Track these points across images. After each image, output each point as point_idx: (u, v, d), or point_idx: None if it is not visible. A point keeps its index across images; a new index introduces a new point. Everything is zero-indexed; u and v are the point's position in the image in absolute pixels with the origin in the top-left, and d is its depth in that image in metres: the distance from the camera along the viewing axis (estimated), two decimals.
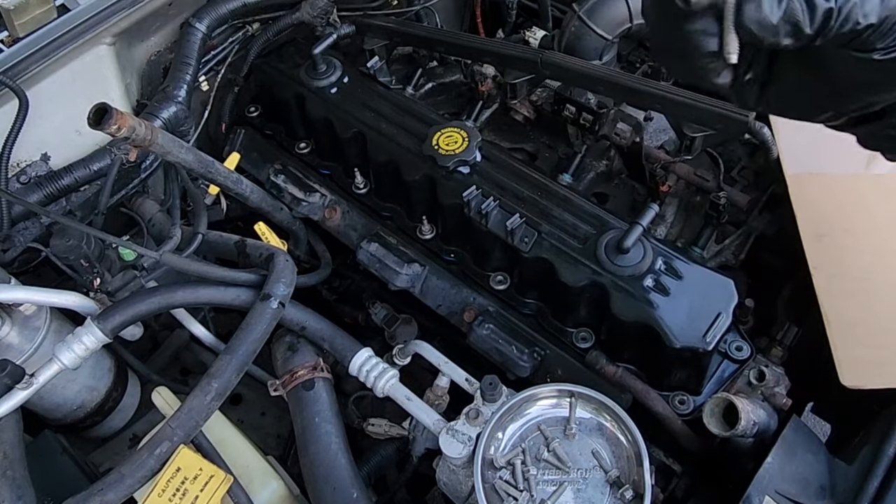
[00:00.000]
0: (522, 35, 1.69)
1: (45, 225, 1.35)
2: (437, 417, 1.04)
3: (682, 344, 1.05)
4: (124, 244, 1.07)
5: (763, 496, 0.92)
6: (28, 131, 1.24)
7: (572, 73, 1.33)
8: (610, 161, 1.49)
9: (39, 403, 1.18)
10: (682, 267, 1.11)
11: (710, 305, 1.07)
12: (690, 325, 1.06)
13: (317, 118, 1.45)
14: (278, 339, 1.21)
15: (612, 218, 1.19)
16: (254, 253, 1.19)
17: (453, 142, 1.27)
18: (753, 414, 1.00)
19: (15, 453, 0.97)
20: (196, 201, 1.29)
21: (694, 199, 1.38)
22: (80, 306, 1.08)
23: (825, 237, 1.10)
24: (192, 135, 1.50)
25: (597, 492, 0.92)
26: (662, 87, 1.27)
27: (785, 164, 1.17)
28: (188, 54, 1.46)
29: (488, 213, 1.19)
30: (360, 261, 1.34)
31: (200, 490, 0.92)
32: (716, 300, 1.08)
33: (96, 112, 0.94)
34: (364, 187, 1.42)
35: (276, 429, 1.46)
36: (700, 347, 1.04)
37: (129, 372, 1.35)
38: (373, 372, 1.11)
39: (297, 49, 1.59)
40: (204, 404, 0.96)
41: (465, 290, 1.28)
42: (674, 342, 1.05)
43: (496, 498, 0.92)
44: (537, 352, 1.17)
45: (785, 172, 1.16)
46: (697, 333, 1.05)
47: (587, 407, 0.98)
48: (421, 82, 1.63)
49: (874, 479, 0.93)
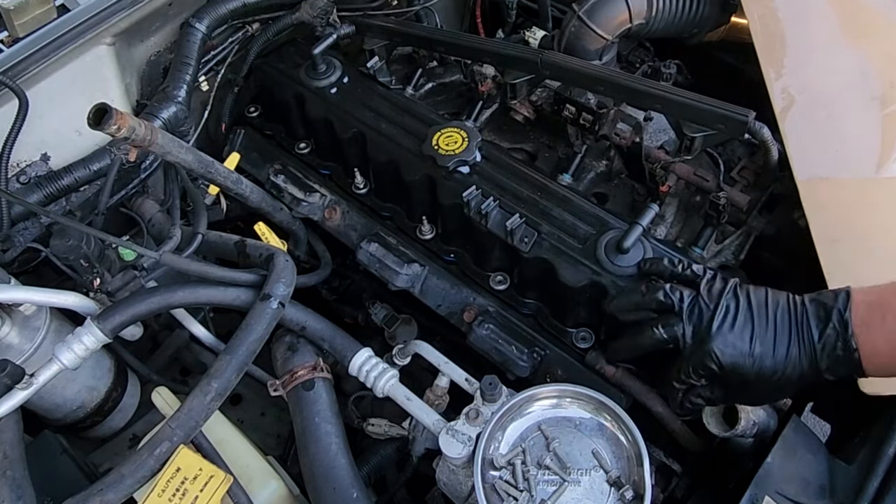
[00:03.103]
0: (522, 35, 1.69)
1: (45, 225, 1.35)
2: (436, 417, 1.04)
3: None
4: (124, 244, 1.06)
5: (763, 496, 0.92)
6: (28, 131, 1.24)
7: (572, 73, 1.33)
8: (610, 161, 1.49)
9: (39, 403, 1.18)
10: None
11: None
12: None
13: (317, 118, 1.45)
14: (278, 339, 1.21)
15: (612, 218, 1.19)
16: (254, 253, 1.19)
17: (453, 142, 1.27)
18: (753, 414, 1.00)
19: (15, 453, 0.97)
20: (196, 201, 1.29)
21: (694, 199, 1.38)
22: (80, 306, 1.08)
23: (838, 242, 1.10)
24: (192, 135, 1.50)
25: (597, 492, 0.92)
26: (662, 87, 1.27)
27: (795, 170, 1.17)
28: (188, 54, 1.46)
29: (488, 213, 1.19)
30: (359, 261, 1.34)
31: (200, 490, 0.92)
32: None
33: (96, 112, 0.94)
34: (364, 187, 1.42)
35: (276, 429, 1.46)
36: None
37: (129, 372, 1.35)
38: (373, 372, 1.11)
39: (297, 49, 1.59)
40: (204, 404, 0.96)
41: (465, 290, 1.28)
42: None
43: (496, 498, 0.92)
44: (537, 352, 1.17)
45: (795, 178, 1.16)
46: None
47: (587, 407, 0.98)
48: (421, 82, 1.62)
49: (874, 479, 0.93)
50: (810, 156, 1.18)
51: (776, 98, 1.24)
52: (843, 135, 1.19)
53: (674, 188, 1.37)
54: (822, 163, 1.17)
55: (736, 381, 0.89)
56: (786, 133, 1.20)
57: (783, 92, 1.24)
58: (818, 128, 1.20)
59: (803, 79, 1.25)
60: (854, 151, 1.17)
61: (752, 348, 0.87)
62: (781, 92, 1.24)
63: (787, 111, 1.22)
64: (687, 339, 0.92)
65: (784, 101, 1.23)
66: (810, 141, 1.19)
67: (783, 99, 1.23)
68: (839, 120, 1.20)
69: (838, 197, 1.15)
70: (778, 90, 1.24)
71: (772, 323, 0.88)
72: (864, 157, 1.16)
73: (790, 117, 1.21)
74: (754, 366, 0.87)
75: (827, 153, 1.18)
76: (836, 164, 1.17)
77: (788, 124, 1.21)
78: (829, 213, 1.13)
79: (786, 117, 1.22)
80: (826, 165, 1.17)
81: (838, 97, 1.22)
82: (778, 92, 1.24)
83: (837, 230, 1.11)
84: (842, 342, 0.83)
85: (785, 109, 1.22)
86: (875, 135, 1.16)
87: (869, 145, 1.16)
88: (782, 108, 1.23)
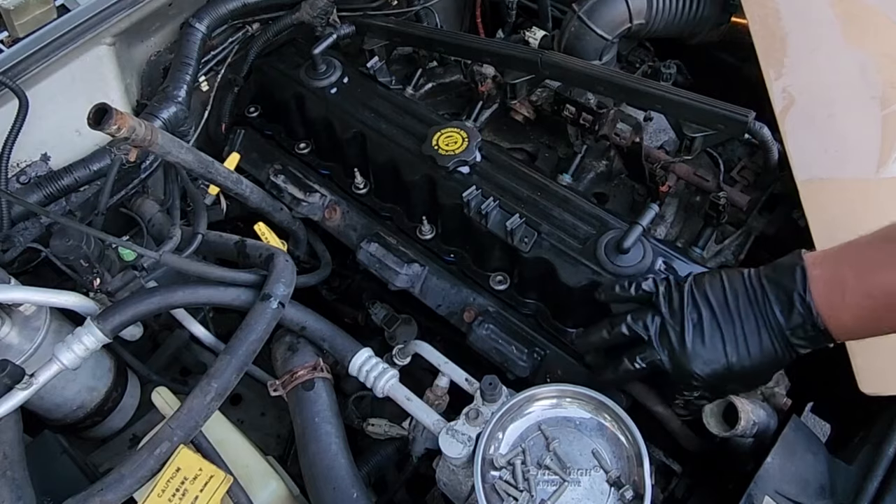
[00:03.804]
0: (522, 35, 1.69)
1: (44, 225, 1.35)
2: (436, 417, 1.04)
3: None
4: (124, 244, 1.06)
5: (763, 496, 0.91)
6: (28, 131, 1.24)
7: (572, 73, 1.33)
8: (610, 161, 1.49)
9: (39, 403, 1.18)
10: (681, 267, 1.11)
11: None
12: None
13: (317, 118, 1.45)
14: (278, 340, 1.21)
15: (612, 218, 1.19)
16: (253, 253, 1.19)
17: (453, 142, 1.27)
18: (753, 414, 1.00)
19: (15, 453, 0.97)
20: (196, 201, 1.29)
21: (694, 200, 1.38)
22: (80, 306, 1.08)
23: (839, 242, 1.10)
24: (192, 135, 1.50)
25: (597, 492, 0.92)
26: (662, 87, 1.27)
27: (795, 171, 1.17)
28: (188, 54, 1.45)
29: (488, 214, 1.19)
30: (359, 261, 1.34)
31: (200, 490, 0.92)
32: None
33: (96, 112, 0.94)
34: (364, 187, 1.42)
35: (276, 429, 1.46)
36: None
37: (128, 372, 1.35)
38: (373, 372, 1.11)
39: (297, 49, 1.59)
40: (204, 404, 0.96)
41: (465, 290, 1.28)
42: None
43: (496, 498, 0.92)
44: (537, 352, 1.17)
45: (796, 178, 1.16)
46: None
47: (587, 407, 0.98)
48: (421, 82, 1.63)
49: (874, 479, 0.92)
50: (810, 156, 1.18)
51: (776, 98, 1.24)
52: (843, 135, 1.19)
53: (674, 188, 1.37)
54: (822, 163, 1.17)
55: (721, 382, 0.93)
56: (786, 133, 1.20)
57: (783, 92, 1.24)
58: (818, 128, 1.20)
59: (803, 79, 1.25)
60: (854, 152, 1.17)
61: (727, 355, 0.89)
62: (781, 92, 1.24)
63: (788, 111, 1.22)
64: (666, 366, 0.94)
65: (784, 102, 1.23)
66: (810, 141, 1.19)
67: (783, 99, 1.23)
68: (839, 120, 1.20)
69: (838, 197, 1.15)
70: (778, 90, 1.24)
71: (738, 318, 0.90)
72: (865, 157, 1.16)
73: (790, 117, 1.21)
74: (734, 368, 0.90)
75: (827, 153, 1.18)
76: (837, 164, 1.17)
77: (788, 124, 1.21)
78: (829, 213, 1.13)
79: (786, 117, 1.22)
80: (826, 166, 1.17)
81: (838, 97, 1.22)
82: (778, 92, 1.24)
83: (838, 231, 1.10)
84: (810, 324, 0.84)
85: (785, 110, 1.22)
86: (875, 135, 1.16)
87: (869, 145, 1.16)
88: (782, 109, 1.23)
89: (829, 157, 1.17)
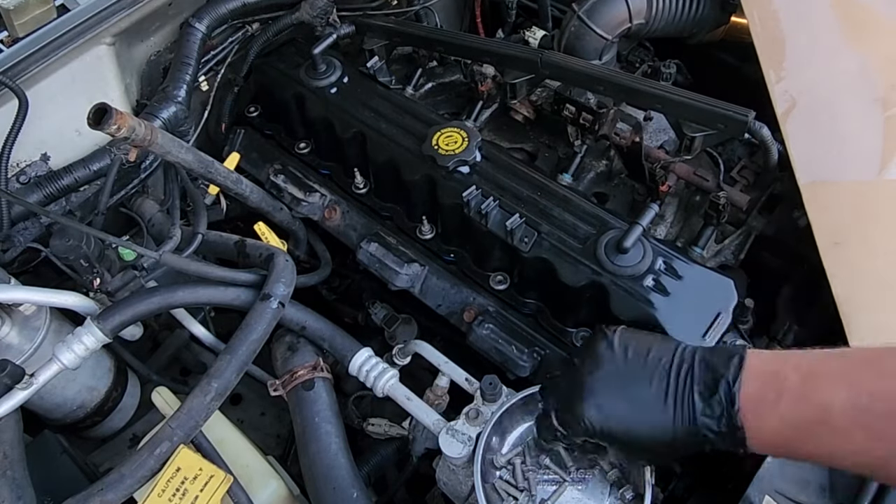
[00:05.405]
0: (522, 35, 1.69)
1: (44, 225, 1.35)
2: (436, 417, 1.04)
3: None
4: (124, 244, 1.07)
5: (763, 496, 0.92)
6: (28, 131, 1.24)
7: (572, 73, 1.33)
8: (610, 161, 1.49)
9: (39, 403, 1.18)
10: (681, 267, 1.11)
11: (710, 305, 1.07)
12: (690, 325, 1.05)
13: (317, 118, 1.45)
14: (278, 339, 1.21)
15: (612, 218, 1.19)
16: (253, 253, 1.19)
17: (453, 142, 1.27)
18: None
19: (15, 453, 0.97)
20: (196, 201, 1.29)
21: (694, 199, 1.38)
22: (80, 306, 1.08)
23: (841, 244, 1.10)
24: (191, 135, 1.50)
25: (597, 492, 0.92)
26: (662, 87, 1.27)
27: (798, 174, 1.16)
28: (188, 54, 1.45)
29: (488, 213, 1.19)
30: (359, 261, 1.34)
31: (200, 490, 0.92)
32: (715, 300, 1.08)
33: (96, 112, 0.94)
34: (364, 187, 1.42)
35: (276, 429, 1.46)
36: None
37: (128, 372, 1.35)
38: (373, 372, 1.11)
39: (297, 49, 1.59)
40: (204, 404, 0.96)
41: (465, 290, 1.28)
42: None
43: (496, 498, 0.92)
44: (537, 352, 1.17)
45: (798, 181, 1.16)
46: (697, 333, 1.05)
47: None
48: (421, 82, 1.62)
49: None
50: (812, 158, 1.18)
51: (777, 100, 1.24)
52: (845, 137, 1.19)
53: (674, 188, 1.37)
54: (824, 165, 1.17)
55: (611, 439, 0.84)
56: (788, 136, 1.20)
57: (784, 94, 1.24)
58: (820, 130, 1.20)
59: (805, 81, 1.25)
60: (856, 154, 1.17)
61: (629, 411, 0.81)
62: (783, 94, 1.24)
63: (789, 113, 1.22)
64: (552, 406, 0.89)
65: (786, 104, 1.23)
66: (812, 143, 1.19)
67: (784, 101, 1.23)
68: (841, 122, 1.20)
69: (841, 199, 1.14)
70: (779, 92, 1.24)
71: (651, 383, 0.81)
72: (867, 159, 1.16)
73: (792, 119, 1.21)
74: (631, 428, 0.81)
75: (829, 155, 1.18)
76: (839, 166, 1.17)
77: (790, 127, 1.20)
78: (831, 215, 1.12)
79: (787, 119, 1.21)
80: (828, 168, 1.17)
81: (840, 99, 1.22)
82: (779, 94, 1.24)
83: (840, 233, 1.10)
84: (726, 418, 0.75)
85: (787, 112, 1.22)
86: (877, 137, 1.16)
87: (871, 147, 1.16)
88: (784, 111, 1.22)
89: (832, 160, 1.17)
